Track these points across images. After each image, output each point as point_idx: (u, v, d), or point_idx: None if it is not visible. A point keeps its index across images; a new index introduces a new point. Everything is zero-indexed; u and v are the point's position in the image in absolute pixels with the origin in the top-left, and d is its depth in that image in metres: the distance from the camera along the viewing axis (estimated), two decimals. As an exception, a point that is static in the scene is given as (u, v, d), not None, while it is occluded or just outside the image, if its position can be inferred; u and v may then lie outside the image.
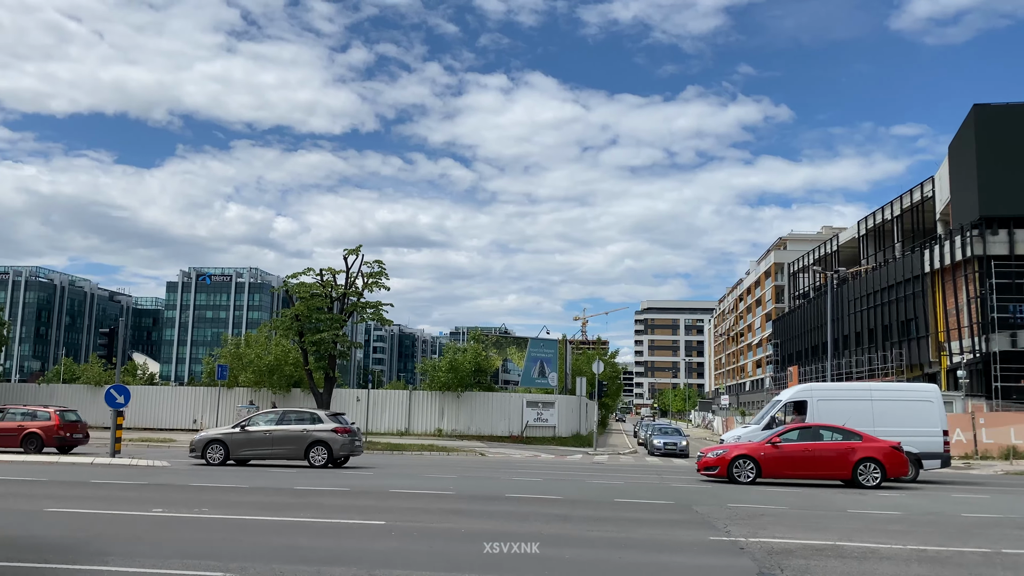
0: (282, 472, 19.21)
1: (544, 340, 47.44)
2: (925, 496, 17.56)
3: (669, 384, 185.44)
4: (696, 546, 9.84)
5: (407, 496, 14.43)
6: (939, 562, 9.02)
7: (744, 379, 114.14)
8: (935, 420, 22.70)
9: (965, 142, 44.50)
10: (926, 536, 10.94)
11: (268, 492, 14.63)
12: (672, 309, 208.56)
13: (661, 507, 14.00)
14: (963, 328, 43.52)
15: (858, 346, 56.86)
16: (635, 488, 17.69)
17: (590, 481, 19.18)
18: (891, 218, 58.45)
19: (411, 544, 9.30)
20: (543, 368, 45.13)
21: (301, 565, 7.78)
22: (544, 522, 11.42)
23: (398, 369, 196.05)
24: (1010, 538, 11.07)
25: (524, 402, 40.32)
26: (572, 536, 10.26)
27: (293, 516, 11.27)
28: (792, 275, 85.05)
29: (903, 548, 9.85)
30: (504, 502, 14.02)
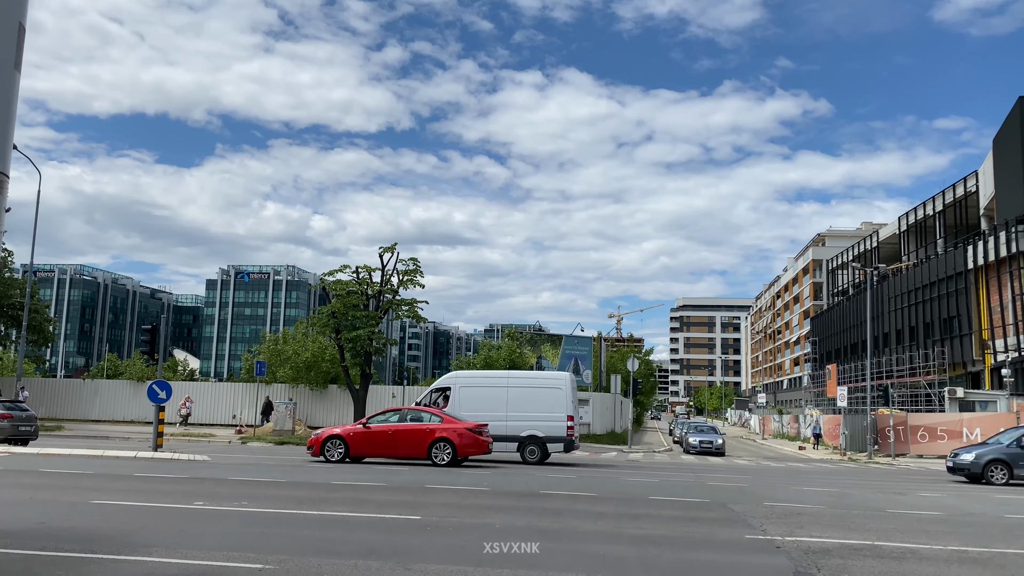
0: (318, 468, 19.46)
1: (578, 337, 47.37)
2: (963, 497, 17.22)
3: (705, 382, 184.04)
4: (733, 544, 9.79)
5: (443, 492, 14.54)
6: (980, 563, 8.88)
7: (781, 377, 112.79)
8: (561, 407, 23.50)
9: (1010, 135, 43.47)
10: (968, 537, 10.76)
11: (305, 487, 14.85)
12: (708, 307, 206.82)
13: (697, 505, 13.94)
14: (1007, 326, 42.55)
15: (898, 344, 55.88)
16: (671, 486, 17.63)
17: (625, 479, 19.15)
18: (933, 213, 57.31)
19: (446, 539, 9.38)
20: (577, 365, 45.05)
21: (338, 559, 7.90)
22: (578, 519, 11.44)
23: (433, 366, 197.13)
24: (1055, 540, 10.84)
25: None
26: (606, 532, 10.26)
27: (331, 510, 11.44)
28: (831, 272, 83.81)
29: (943, 548, 9.71)
30: (538, 499, 14.06)
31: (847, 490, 17.90)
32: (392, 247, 34.47)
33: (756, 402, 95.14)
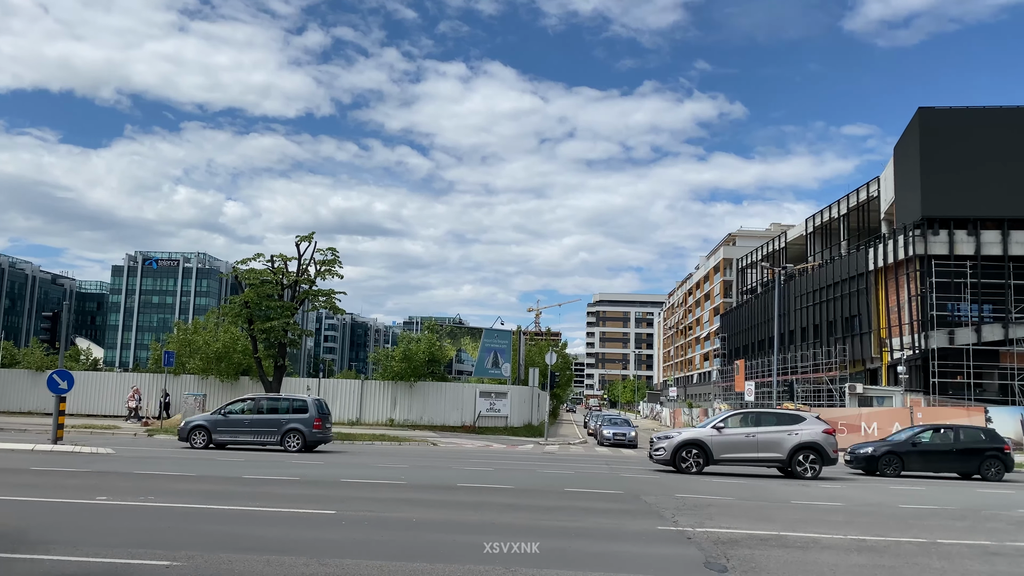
0: (230, 462, 18.95)
1: (498, 331, 47.52)
2: (860, 488, 18.07)
3: (619, 376, 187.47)
4: (644, 536, 10.00)
5: (358, 485, 14.37)
6: (877, 551, 9.32)
7: (692, 372, 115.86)
8: None
9: (910, 144, 45.71)
10: (866, 527, 11.29)
11: (216, 481, 14.43)
12: (624, 302, 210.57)
13: (611, 497, 14.17)
14: (904, 325, 44.80)
15: (803, 341, 58.16)
16: (585, 478, 17.88)
17: (541, 471, 19.33)
18: (838, 216, 59.81)
19: (362, 533, 9.28)
20: (497, 359, 45.22)
21: (250, 554, 7.72)
22: (496, 511, 11.49)
23: (350, 358, 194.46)
24: (944, 528, 11.49)
25: (477, 392, 40.38)
26: (523, 525, 10.33)
27: (242, 505, 11.15)
28: (741, 271, 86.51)
29: (843, 538, 10.16)
30: (456, 491, 14.06)
31: (755, 482, 18.52)
32: (309, 236, 33.80)
33: (667, 396, 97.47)
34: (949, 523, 12.14)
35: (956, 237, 42.65)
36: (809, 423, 20.29)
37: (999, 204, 42.32)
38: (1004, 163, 42.40)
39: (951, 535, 10.85)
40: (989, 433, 24.02)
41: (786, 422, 20.27)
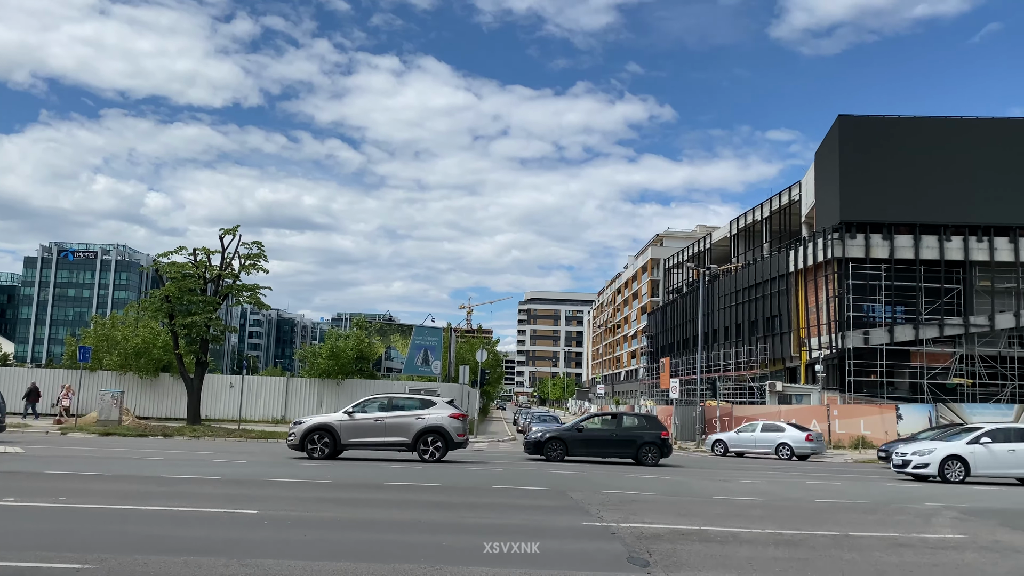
0: (147, 461, 18.36)
1: (429, 328, 47.28)
2: (780, 483, 18.65)
3: (549, 373, 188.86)
4: (569, 531, 10.10)
5: (281, 485, 14.10)
6: (793, 544, 9.63)
7: (620, 369, 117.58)
8: None
9: (830, 150, 47.34)
10: (783, 521, 11.65)
11: (133, 480, 13.97)
12: (555, 300, 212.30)
13: (538, 493, 14.27)
14: (822, 325, 46.38)
15: (726, 340, 59.64)
16: (513, 475, 17.96)
17: (469, 468, 19.32)
18: (761, 219, 61.51)
19: (285, 533, 9.11)
20: (427, 356, 44.97)
21: (167, 555, 7.49)
22: (422, 509, 11.44)
23: (275, 355, 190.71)
24: (857, 522, 11.95)
25: (407, 390, 40.06)
26: (448, 523, 10.32)
27: (160, 505, 10.82)
28: (667, 271, 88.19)
29: (762, 532, 10.46)
30: (384, 490, 13.93)
31: (678, 477, 18.92)
32: (234, 229, 32.97)
33: (596, 393, 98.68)
34: (861, 516, 12.62)
35: (872, 241, 44.36)
36: (438, 408, 20.77)
37: (912, 210, 44.19)
38: (917, 171, 44.30)
39: (863, 528, 11.29)
40: (651, 420, 25.26)
41: (415, 407, 20.70)
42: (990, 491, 18.49)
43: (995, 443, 19.74)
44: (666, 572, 7.76)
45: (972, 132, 44.85)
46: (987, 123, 45.30)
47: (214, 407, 37.81)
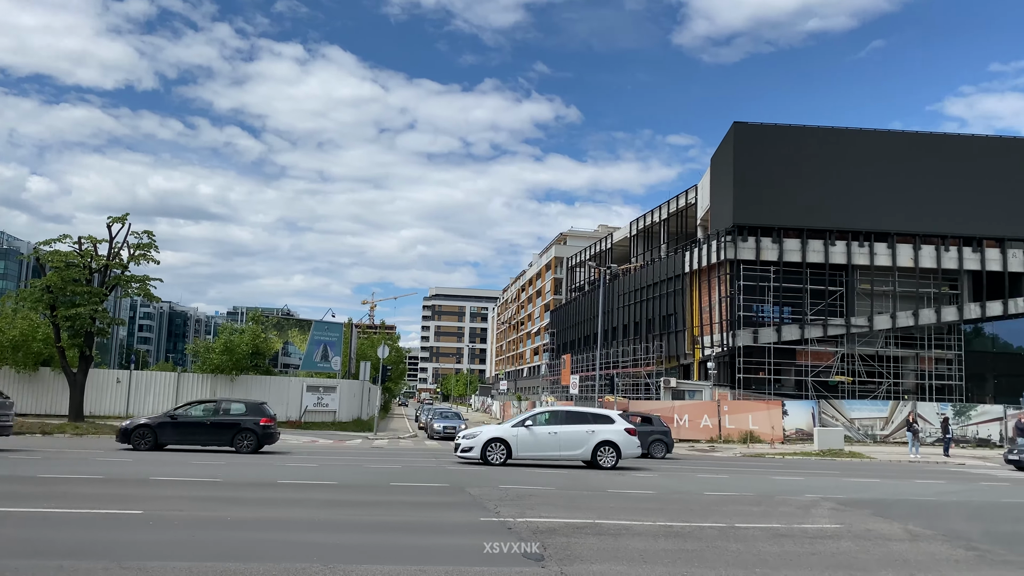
0: (22, 460, 17.35)
1: (329, 323, 46.39)
2: (671, 477, 19.25)
3: (453, 369, 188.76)
4: (466, 527, 10.14)
5: (170, 484, 13.59)
6: (683, 536, 9.96)
7: (523, 365, 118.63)
8: None
9: (725, 156, 49.06)
10: (674, 514, 12.03)
11: (6, 481, 13.16)
12: (460, 297, 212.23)
13: (436, 490, 14.26)
14: (715, 324, 48.07)
15: (625, 337, 61.04)
16: (412, 472, 17.87)
17: (368, 466, 19.11)
18: (659, 221, 63.22)
19: (171, 534, 8.79)
20: (326, 352, 44.12)
21: (41, 559, 7.10)
22: (317, 508, 11.25)
23: (167, 350, 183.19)
24: (743, 514, 12.46)
25: (304, 386, 39.29)
26: (344, 521, 10.19)
27: (35, 507, 10.24)
28: (570, 269, 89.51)
29: (654, 524, 10.77)
30: (277, 488, 13.62)
31: (575, 472, 19.25)
32: (123, 217, 31.50)
33: (498, 389, 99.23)
34: (746, 508, 13.16)
35: (762, 244, 46.24)
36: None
37: (800, 215, 46.32)
38: (806, 178, 46.46)
39: (747, 519, 11.77)
40: (252, 407, 23.80)
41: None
42: (862, 483, 19.60)
43: (536, 426, 20.76)
44: (560, 566, 7.89)
45: (857, 142, 47.37)
46: (870, 134, 47.94)
47: (99, 403, 36.06)
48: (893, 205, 46.03)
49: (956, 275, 46.89)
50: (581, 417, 21.46)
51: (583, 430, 20.77)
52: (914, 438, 32.04)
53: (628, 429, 21.24)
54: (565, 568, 7.79)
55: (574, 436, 20.66)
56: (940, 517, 12.81)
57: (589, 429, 20.80)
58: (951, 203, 46.05)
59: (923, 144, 47.78)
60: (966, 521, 12.49)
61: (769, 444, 36.22)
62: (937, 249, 46.32)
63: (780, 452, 32.20)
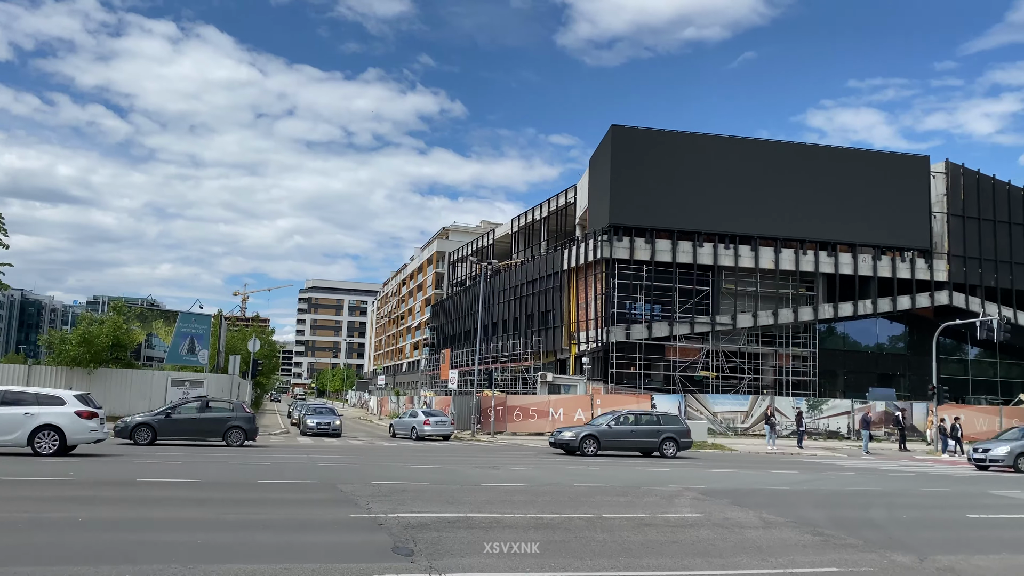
0: None
1: (196, 315, 44.42)
2: (544, 469, 19.65)
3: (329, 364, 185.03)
4: (336, 524, 9.99)
5: (13, 484, 12.69)
6: (552, 527, 10.18)
7: (402, 360, 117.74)
8: None
9: (603, 157, 50.34)
10: (544, 505, 12.27)
11: None
12: (338, 289, 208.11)
13: (306, 487, 13.97)
14: (590, 320, 49.30)
15: (504, 332, 61.65)
16: (282, 469, 17.42)
17: (234, 463, 18.47)
18: (540, 218, 64.20)
19: (14, 537, 8.22)
20: (193, 344, 42.26)
21: None
22: (179, 507, 10.80)
23: (18, 340, 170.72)
24: (610, 504, 12.85)
25: (169, 380, 37.49)
26: (207, 520, 9.83)
27: None
28: (452, 264, 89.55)
29: (524, 517, 10.95)
30: (137, 487, 12.97)
31: (450, 466, 19.30)
32: (-33, 198, 29.11)
33: (376, 384, 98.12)
34: (613, 499, 13.58)
35: (636, 244, 47.77)
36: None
37: (672, 217, 48.13)
38: (678, 181, 48.30)
39: (615, 510, 12.16)
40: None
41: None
42: (722, 473, 20.62)
43: None
44: (430, 560, 7.90)
45: (726, 149, 49.66)
46: (738, 142, 50.37)
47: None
48: (757, 210, 48.54)
49: (812, 277, 49.98)
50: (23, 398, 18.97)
51: None
52: (771, 431, 33.95)
53: (80, 411, 18.91)
54: (435, 562, 7.81)
55: None
56: (792, 505, 13.63)
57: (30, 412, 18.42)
58: (810, 209, 49.02)
59: (786, 153, 50.62)
60: (814, 508, 13.35)
61: (639, 437, 37.43)
62: (796, 252, 49.20)
63: (649, 445, 33.34)
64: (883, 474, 22.21)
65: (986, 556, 9.30)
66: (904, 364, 52.95)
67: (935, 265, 50.64)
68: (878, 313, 50.58)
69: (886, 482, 19.34)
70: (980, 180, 52.16)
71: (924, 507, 14.53)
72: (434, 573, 7.37)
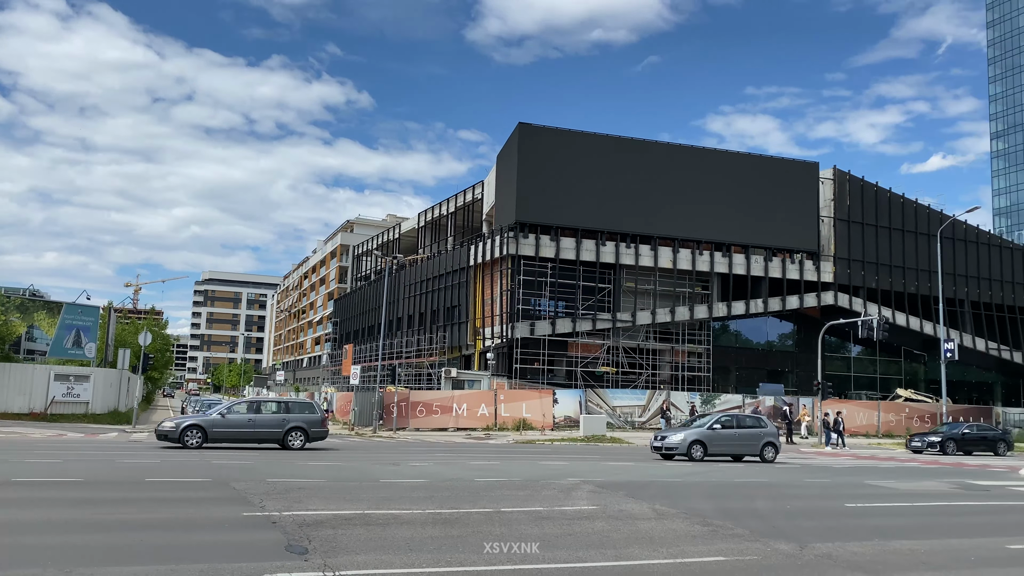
0: None
1: (83, 306, 42.27)
2: (446, 465, 19.66)
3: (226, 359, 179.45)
4: (228, 523, 9.73)
5: None
6: (450, 523, 10.20)
7: (303, 355, 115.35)
8: None
9: (510, 154, 50.64)
10: (443, 501, 12.27)
11: None
12: (236, 282, 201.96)
13: (197, 485, 13.53)
14: (495, 316, 49.56)
15: (409, 328, 61.25)
16: (172, 467, 16.82)
17: (122, 461, 17.72)
18: (447, 214, 64.05)
19: None
20: (79, 337, 40.23)
21: None
22: (60, 507, 10.27)
23: None
24: (509, 498, 12.97)
25: (51, 375, 35.55)
26: (89, 521, 9.40)
27: None
28: (356, 257, 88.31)
29: (423, 512, 10.94)
30: (10, 487, 12.25)
31: (349, 463, 19.05)
32: None
33: (276, 380, 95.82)
34: (514, 493, 13.72)
35: (541, 241, 48.27)
36: None
37: (577, 216, 48.87)
38: (583, 181, 49.07)
39: (513, 504, 12.28)
40: None
41: None
42: (620, 466, 21.13)
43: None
44: (324, 558, 7.80)
45: (629, 150, 50.75)
46: (641, 144, 51.56)
47: None
48: (658, 210, 49.86)
49: (708, 277, 51.71)
50: None
51: None
52: (667, 424, 34.99)
53: None
54: (329, 560, 7.71)
55: None
56: (684, 497, 14.10)
57: None
58: (707, 211, 50.68)
59: (686, 156, 52.16)
60: (705, 500, 13.85)
61: (540, 431, 37.94)
62: (693, 253, 50.79)
63: (550, 439, 33.84)
64: (770, 466, 23.23)
65: (860, 543, 9.86)
66: (792, 361, 55.49)
67: (822, 267, 53.23)
68: (769, 312, 52.77)
69: (772, 474, 20.24)
70: (864, 187, 55.12)
71: (806, 497, 15.28)
72: (328, 571, 7.28)
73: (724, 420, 25.73)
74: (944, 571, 8.45)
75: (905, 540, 10.23)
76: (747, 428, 25.70)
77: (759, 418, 27.51)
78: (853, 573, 8.17)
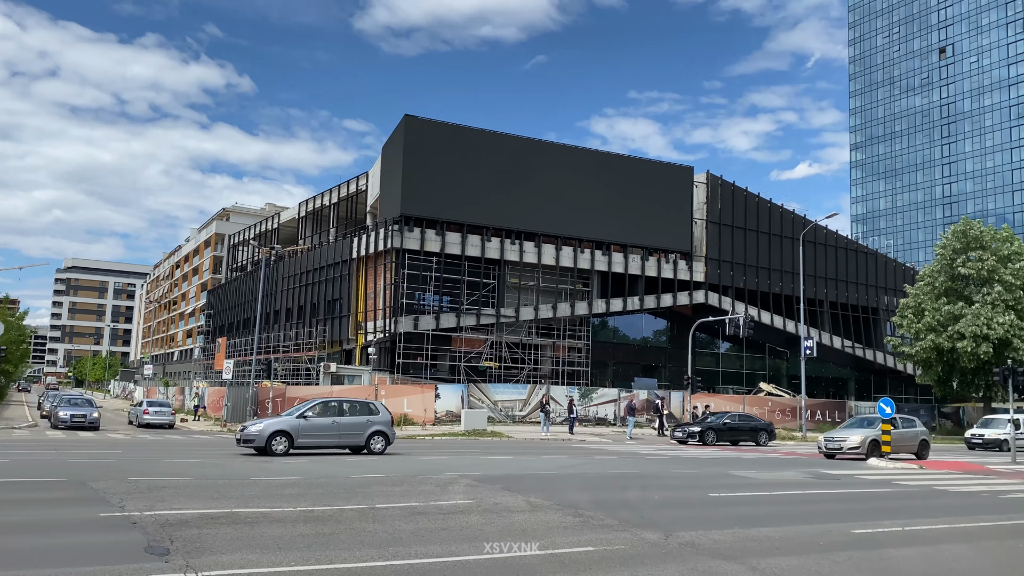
0: None
1: (-77, 293, 38.96)
2: (318, 463, 19.32)
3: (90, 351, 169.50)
4: (84, 524, 9.25)
5: None
6: (322, 520, 10.04)
7: (174, 348, 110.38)
8: None
9: (396, 147, 50.09)
10: (317, 498, 12.06)
11: None
12: (102, 270, 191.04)
13: (52, 485, 12.77)
14: (379, 310, 48.95)
15: (288, 321, 59.63)
16: (25, 466, 15.80)
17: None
18: (330, 204, 62.69)
19: None
20: (-81, 327, 37.01)
21: None
22: None
23: None
24: (384, 494, 12.88)
25: None
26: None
27: None
28: (232, 247, 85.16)
29: (294, 510, 10.72)
30: None
31: (219, 460, 18.42)
32: None
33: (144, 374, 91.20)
34: (389, 489, 13.64)
35: (427, 235, 48.03)
36: None
37: (462, 211, 48.91)
38: (469, 176, 49.15)
39: (390, 500, 12.21)
40: None
41: None
42: (498, 460, 21.35)
43: None
44: (186, 559, 7.52)
45: (515, 148, 51.17)
46: (526, 142, 52.10)
47: None
48: (542, 208, 50.59)
49: (589, 274, 52.91)
50: None
51: None
52: (546, 418, 35.61)
53: None
54: (192, 560, 7.45)
55: None
56: (559, 489, 14.40)
57: None
58: (588, 210, 51.83)
59: (570, 156, 53.16)
60: (578, 491, 14.19)
61: (421, 426, 37.82)
62: (575, 250, 51.83)
63: (431, 433, 33.79)
64: (642, 458, 24.03)
65: (722, 531, 10.36)
66: (666, 356, 57.59)
67: (694, 267, 55.46)
68: (644, 309, 54.53)
69: (643, 465, 20.97)
70: (735, 191, 57.78)
71: (673, 488, 15.92)
72: (191, 572, 7.03)
73: (319, 407, 22.29)
74: (796, 556, 9.00)
75: (764, 527, 10.83)
76: (350, 416, 22.52)
77: (369, 404, 23.75)
78: (715, 560, 8.58)
